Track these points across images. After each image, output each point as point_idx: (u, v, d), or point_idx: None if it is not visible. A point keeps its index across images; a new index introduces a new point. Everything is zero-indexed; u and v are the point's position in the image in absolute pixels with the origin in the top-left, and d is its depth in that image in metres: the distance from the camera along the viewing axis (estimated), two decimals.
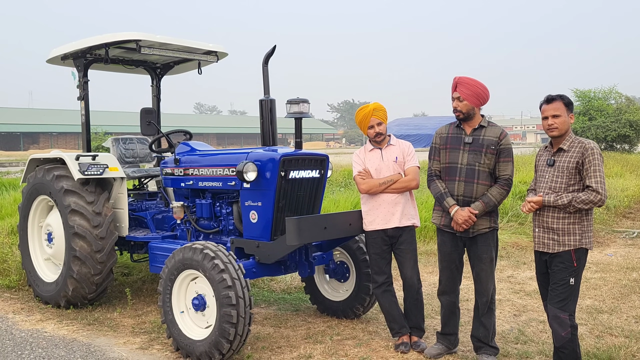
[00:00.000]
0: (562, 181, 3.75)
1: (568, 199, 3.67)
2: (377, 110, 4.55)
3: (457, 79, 4.20)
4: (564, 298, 3.73)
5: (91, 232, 5.42)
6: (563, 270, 3.74)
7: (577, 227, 3.72)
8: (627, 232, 9.85)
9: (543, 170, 3.91)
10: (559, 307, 3.74)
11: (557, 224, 3.75)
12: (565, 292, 3.73)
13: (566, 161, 3.75)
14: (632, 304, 5.76)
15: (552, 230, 3.77)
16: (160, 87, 6.90)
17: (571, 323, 3.73)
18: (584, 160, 3.68)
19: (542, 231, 3.84)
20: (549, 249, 3.80)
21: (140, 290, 6.48)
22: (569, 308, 3.74)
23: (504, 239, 8.77)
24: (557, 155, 3.82)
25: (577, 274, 3.75)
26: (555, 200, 3.71)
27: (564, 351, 3.76)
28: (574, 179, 3.73)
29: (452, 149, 4.24)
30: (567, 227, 3.73)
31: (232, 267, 4.14)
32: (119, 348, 4.71)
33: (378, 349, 4.57)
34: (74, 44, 5.84)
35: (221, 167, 5.04)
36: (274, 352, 4.54)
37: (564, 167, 3.75)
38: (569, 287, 3.73)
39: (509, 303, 5.84)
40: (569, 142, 3.79)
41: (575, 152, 3.73)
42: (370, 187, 4.52)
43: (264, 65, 4.89)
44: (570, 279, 3.73)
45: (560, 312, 3.73)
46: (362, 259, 5.16)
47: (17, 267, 6.70)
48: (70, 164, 5.56)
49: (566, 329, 3.72)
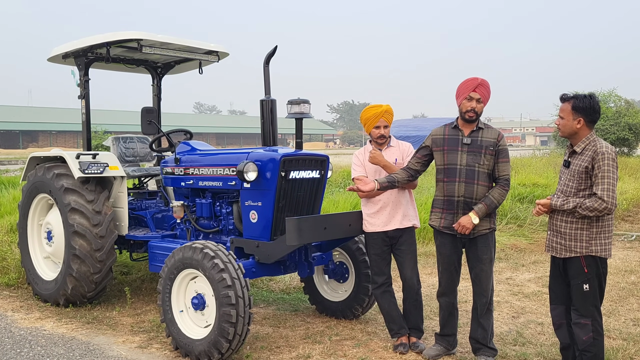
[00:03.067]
0: (573, 185, 3.68)
1: (573, 205, 3.60)
2: (388, 112, 4.53)
3: (479, 80, 4.14)
4: (581, 304, 3.68)
5: (91, 230, 5.42)
6: (575, 276, 3.69)
7: (585, 233, 3.63)
8: (625, 235, 9.87)
9: (561, 171, 3.85)
10: (578, 314, 3.69)
11: (564, 228, 3.70)
12: (580, 297, 3.68)
13: (578, 164, 3.66)
14: (630, 306, 5.78)
15: (559, 234, 3.73)
16: (161, 86, 6.91)
17: (593, 328, 3.66)
18: (593, 165, 3.57)
19: (552, 234, 3.79)
20: (556, 252, 3.77)
21: (139, 289, 6.48)
22: (588, 313, 3.67)
23: (502, 240, 8.78)
24: (572, 157, 3.74)
25: (589, 280, 3.66)
26: (562, 205, 3.65)
27: (586, 354, 3.70)
28: (585, 184, 3.62)
29: (450, 150, 4.24)
30: (574, 232, 3.66)
31: (232, 267, 4.15)
32: (118, 347, 4.71)
33: (377, 349, 4.58)
34: (75, 43, 5.85)
35: (221, 166, 5.05)
36: (272, 352, 4.54)
37: (575, 171, 3.67)
38: (583, 292, 3.67)
39: (508, 305, 5.85)
40: (583, 145, 3.67)
41: (586, 156, 3.62)
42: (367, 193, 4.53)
43: (265, 65, 4.90)
44: (583, 285, 3.66)
45: (580, 317, 3.68)
46: (362, 260, 5.16)
47: (16, 265, 6.70)
48: (71, 162, 5.56)
49: (587, 334, 3.66)
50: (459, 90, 4.23)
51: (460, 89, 4.22)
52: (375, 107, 4.60)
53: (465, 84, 4.20)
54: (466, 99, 4.16)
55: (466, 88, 4.17)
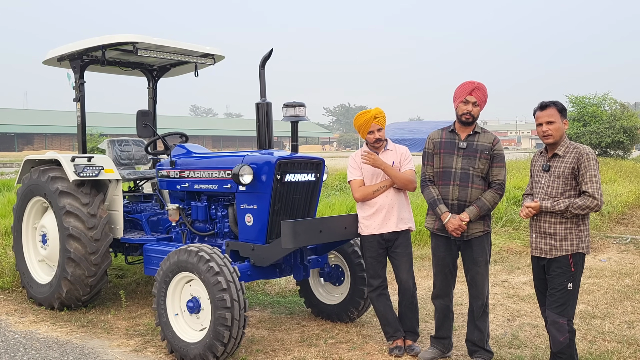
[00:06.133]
0: (558, 186, 3.77)
1: (565, 205, 3.68)
2: (378, 116, 4.53)
3: (475, 84, 4.18)
4: (562, 303, 3.74)
5: (86, 233, 5.41)
6: (561, 275, 3.75)
7: (574, 231, 3.74)
8: (620, 237, 9.90)
9: (539, 176, 3.91)
10: (557, 313, 3.75)
11: (554, 229, 3.77)
12: (563, 297, 3.74)
13: (562, 167, 3.76)
14: (625, 309, 5.79)
15: (549, 235, 3.78)
16: (156, 89, 6.90)
17: (569, 328, 3.74)
18: (579, 165, 3.70)
19: (539, 236, 3.85)
20: (546, 254, 3.81)
21: (134, 292, 6.46)
22: (567, 313, 3.74)
23: (498, 243, 8.80)
24: (553, 161, 3.83)
25: (574, 279, 3.75)
26: (553, 206, 3.72)
27: (561, 356, 3.77)
28: (570, 184, 3.74)
29: (446, 154, 4.26)
30: (564, 232, 3.74)
31: (227, 270, 4.14)
32: (113, 350, 4.69)
33: (372, 352, 4.58)
34: (70, 46, 5.84)
35: (217, 169, 5.05)
36: (268, 355, 4.54)
37: (559, 173, 3.76)
38: (567, 292, 3.74)
39: (503, 308, 5.86)
40: (564, 148, 3.80)
41: (571, 158, 3.74)
42: (364, 195, 4.54)
43: (261, 68, 4.90)
44: (568, 284, 3.73)
45: (559, 317, 3.74)
46: (357, 263, 5.16)
47: (10, 269, 6.67)
48: (66, 165, 5.55)
49: (564, 334, 3.73)
50: (456, 94, 4.26)
51: (457, 93, 4.24)
52: (364, 113, 4.61)
53: (462, 87, 4.23)
54: (462, 102, 4.19)
55: (462, 91, 4.20)
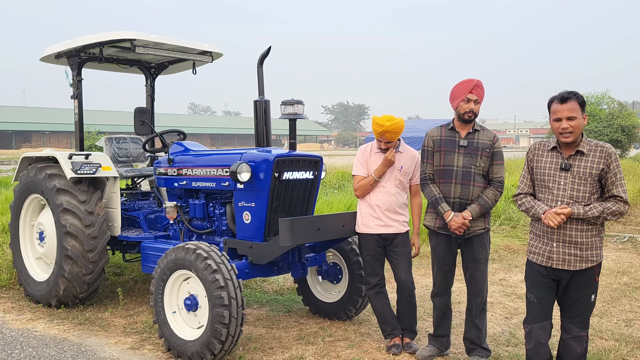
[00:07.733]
0: (585, 189, 3.33)
1: (599, 211, 3.27)
2: (394, 133, 4.35)
3: (475, 82, 4.15)
4: (585, 316, 3.47)
5: (83, 231, 5.40)
6: (584, 287, 3.42)
7: (598, 239, 3.39)
8: (618, 236, 9.92)
9: (555, 175, 3.42)
10: (580, 327, 3.47)
11: (581, 237, 3.35)
12: (587, 309, 3.47)
13: (588, 167, 3.33)
14: (622, 307, 5.80)
15: (574, 244, 3.36)
16: (154, 86, 6.88)
17: (586, 339, 3.53)
18: (608, 167, 3.29)
19: (561, 245, 3.39)
20: (570, 265, 3.39)
21: (132, 290, 6.45)
22: (587, 325, 3.52)
23: (496, 242, 8.81)
24: (575, 159, 3.38)
25: (596, 290, 3.49)
26: (586, 212, 3.28)
27: None
28: (595, 187, 3.34)
29: (447, 152, 4.25)
30: (591, 241, 3.36)
31: (225, 268, 4.14)
32: (110, 348, 4.69)
33: (370, 350, 4.58)
34: (68, 43, 5.82)
35: (215, 167, 5.04)
36: (265, 353, 4.53)
37: (586, 174, 3.33)
38: (590, 304, 3.46)
39: (501, 306, 5.87)
40: (587, 145, 3.37)
41: (597, 157, 3.33)
42: (363, 192, 4.53)
43: (259, 66, 4.89)
44: (592, 295, 3.44)
45: (581, 330, 3.48)
46: (355, 261, 5.16)
47: (8, 266, 6.66)
48: (63, 162, 5.53)
49: (582, 346, 3.49)
50: (455, 93, 4.21)
51: (457, 91, 4.20)
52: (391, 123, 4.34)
53: (462, 85, 4.19)
54: (463, 101, 4.16)
55: (463, 90, 4.17)
